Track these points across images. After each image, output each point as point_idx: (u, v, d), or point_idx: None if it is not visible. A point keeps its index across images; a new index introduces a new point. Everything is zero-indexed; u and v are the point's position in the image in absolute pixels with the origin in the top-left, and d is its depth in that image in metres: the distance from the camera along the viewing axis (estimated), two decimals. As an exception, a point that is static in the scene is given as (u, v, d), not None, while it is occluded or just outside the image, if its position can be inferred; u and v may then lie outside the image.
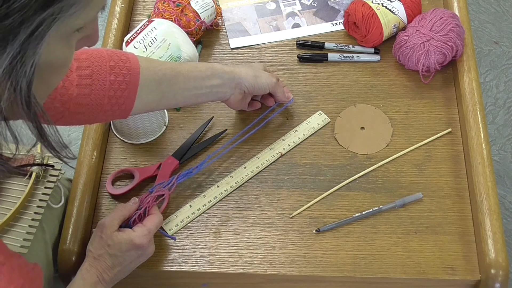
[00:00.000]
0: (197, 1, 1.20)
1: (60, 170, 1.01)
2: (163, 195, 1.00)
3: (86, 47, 0.73)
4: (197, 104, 1.12)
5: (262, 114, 1.13)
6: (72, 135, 1.82)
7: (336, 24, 1.27)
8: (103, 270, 0.91)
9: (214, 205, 1.05)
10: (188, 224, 1.03)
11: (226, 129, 1.13)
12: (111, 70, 0.90)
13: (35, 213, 0.97)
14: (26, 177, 0.98)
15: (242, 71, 1.05)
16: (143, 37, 1.12)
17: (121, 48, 1.16)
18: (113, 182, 1.07)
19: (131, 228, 0.95)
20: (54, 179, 1.00)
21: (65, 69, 0.69)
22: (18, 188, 0.98)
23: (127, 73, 0.91)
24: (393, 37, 1.21)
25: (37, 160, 0.99)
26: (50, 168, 1.01)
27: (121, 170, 1.08)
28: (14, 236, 0.94)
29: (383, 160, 1.09)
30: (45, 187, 0.99)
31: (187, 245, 1.01)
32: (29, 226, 0.95)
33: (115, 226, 0.93)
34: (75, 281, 0.90)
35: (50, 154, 1.02)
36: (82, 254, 0.98)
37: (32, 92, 0.63)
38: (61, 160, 0.73)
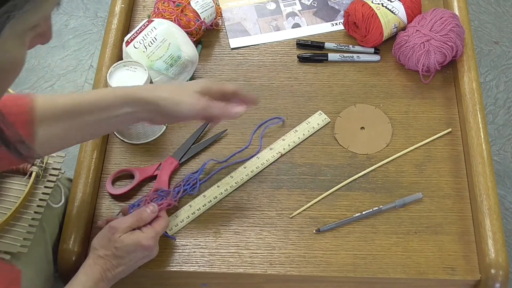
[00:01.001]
0: (197, 1, 1.20)
1: (60, 169, 1.01)
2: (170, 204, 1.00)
3: None
4: (112, 132, 1.02)
5: (262, 114, 1.13)
6: (72, 135, 1.82)
7: (336, 24, 1.27)
8: (107, 269, 0.90)
9: (214, 205, 1.05)
10: (188, 224, 1.03)
11: (226, 129, 1.13)
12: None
13: (35, 212, 0.97)
14: (26, 176, 0.98)
15: (161, 95, 0.91)
16: (143, 37, 1.12)
17: (121, 48, 1.16)
18: (113, 182, 1.07)
19: None
20: (54, 178, 1.00)
21: (18, 70, 0.67)
22: (18, 187, 0.98)
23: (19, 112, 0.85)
24: (393, 37, 1.21)
25: (37, 160, 0.99)
26: (50, 167, 1.01)
27: (121, 170, 1.08)
28: (14, 235, 0.94)
29: (383, 160, 1.09)
30: (45, 187, 0.99)
31: (187, 245, 1.01)
32: (29, 225, 0.95)
33: (126, 231, 0.92)
34: (77, 277, 0.90)
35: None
36: (82, 254, 0.98)
37: None
38: (22, 158, 0.71)
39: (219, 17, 1.26)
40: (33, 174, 0.98)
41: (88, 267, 0.90)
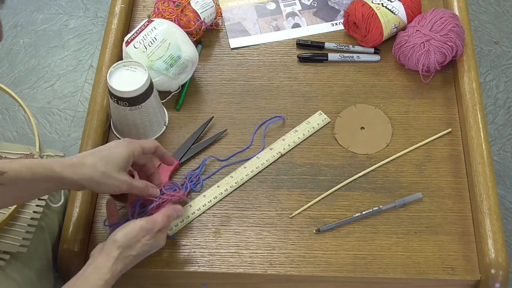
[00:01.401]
0: (197, 1, 1.20)
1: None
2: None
3: None
4: (35, 198, 1.00)
5: (262, 114, 1.13)
6: (72, 135, 1.82)
7: (336, 24, 1.27)
8: (125, 265, 0.89)
9: (214, 205, 1.05)
10: (188, 224, 1.03)
11: (226, 129, 1.13)
12: None
13: (34, 212, 0.97)
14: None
15: (85, 175, 0.89)
16: (143, 37, 1.12)
17: (121, 48, 1.16)
18: (113, 182, 1.07)
19: (147, 213, 0.95)
20: (53, 178, 1.00)
21: None
22: (18, 187, 0.98)
23: None
24: (393, 37, 1.21)
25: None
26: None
27: (121, 170, 1.07)
28: (13, 235, 0.94)
29: (383, 160, 1.09)
30: (45, 187, 0.99)
31: (187, 245, 1.01)
32: (28, 225, 0.95)
33: (155, 235, 0.92)
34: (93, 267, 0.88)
35: (49, 153, 1.02)
36: (82, 254, 0.98)
37: None
38: None
39: (219, 17, 1.26)
40: (33, 174, 0.98)
41: (105, 260, 0.88)
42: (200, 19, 1.20)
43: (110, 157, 0.91)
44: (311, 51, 1.23)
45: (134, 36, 1.13)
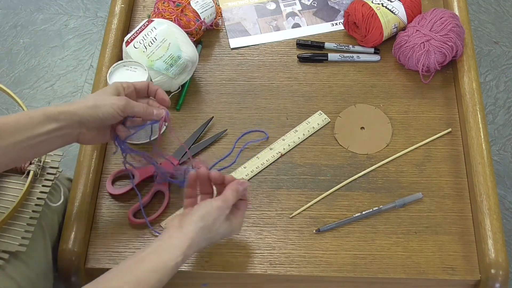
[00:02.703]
0: (197, 1, 1.20)
1: (57, 168, 1.01)
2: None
3: None
4: (40, 155, 0.97)
5: (262, 115, 1.13)
6: (72, 135, 1.82)
7: (336, 24, 1.27)
8: (188, 246, 0.87)
9: (214, 205, 1.05)
10: (188, 224, 1.03)
11: (226, 129, 1.13)
12: None
13: (33, 211, 0.97)
14: (24, 175, 0.98)
15: (79, 105, 0.90)
16: (143, 37, 1.12)
17: (121, 48, 1.16)
18: (113, 182, 1.07)
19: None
20: (51, 177, 1.00)
21: None
22: (16, 186, 0.98)
23: None
24: (393, 37, 1.21)
25: (34, 159, 0.99)
26: (48, 166, 1.01)
27: (121, 170, 1.08)
28: (12, 234, 0.94)
29: (383, 160, 1.09)
30: (43, 186, 0.99)
31: (187, 245, 1.01)
32: (27, 224, 0.95)
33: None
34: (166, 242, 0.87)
35: (48, 153, 1.02)
36: (82, 254, 0.98)
37: None
38: None
39: (219, 17, 1.26)
40: (31, 173, 0.98)
41: (181, 241, 0.87)
42: (200, 19, 1.20)
43: (98, 91, 0.94)
44: (311, 51, 1.23)
45: (134, 36, 1.13)
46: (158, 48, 1.11)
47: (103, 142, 1.08)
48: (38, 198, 0.98)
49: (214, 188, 0.96)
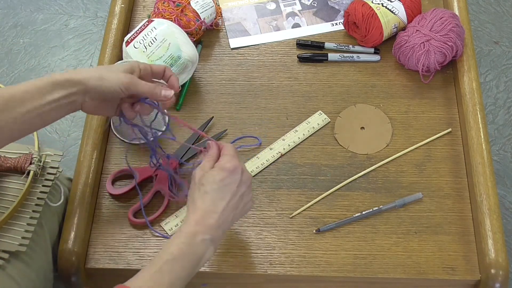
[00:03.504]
0: (197, 1, 1.20)
1: (57, 168, 1.01)
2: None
3: None
4: (48, 124, 0.94)
5: (262, 114, 1.13)
6: (72, 135, 1.82)
7: (336, 24, 1.27)
8: (205, 217, 0.86)
9: (214, 205, 1.05)
10: (188, 224, 1.03)
11: (226, 129, 1.13)
12: None
13: (33, 211, 0.97)
14: (24, 175, 0.98)
15: (86, 74, 0.91)
16: (143, 37, 1.12)
17: (121, 48, 1.16)
18: (113, 182, 1.07)
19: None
20: (52, 177, 1.00)
21: None
22: (16, 186, 0.98)
23: None
24: (393, 37, 1.21)
25: (34, 159, 0.99)
26: (48, 166, 1.01)
27: (121, 170, 1.08)
28: (12, 234, 0.94)
29: (383, 160, 1.09)
30: (43, 185, 0.99)
31: (187, 245, 1.01)
32: (28, 224, 0.95)
33: (206, 169, 0.90)
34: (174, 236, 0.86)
35: (48, 153, 1.02)
36: (82, 254, 0.98)
37: None
38: None
39: (219, 17, 1.26)
40: (31, 173, 0.98)
41: (183, 227, 0.86)
42: (200, 19, 1.20)
43: (113, 64, 0.95)
44: (311, 51, 1.23)
45: (134, 36, 1.13)
46: (158, 48, 1.11)
47: (107, 115, 1.07)
48: (38, 198, 0.98)
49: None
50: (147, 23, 1.14)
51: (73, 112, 0.93)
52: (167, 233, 1.01)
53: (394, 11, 1.19)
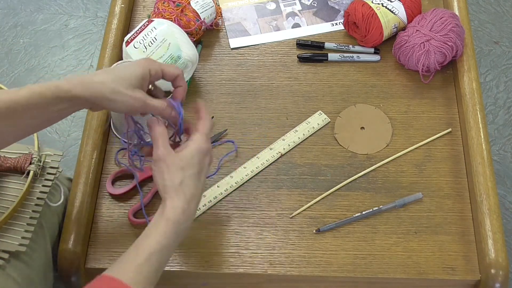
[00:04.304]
0: (197, 1, 1.20)
1: (57, 168, 1.01)
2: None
3: None
4: (52, 124, 0.91)
5: (262, 114, 1.13)
6: (72, 135, 1.82)
7: (336, 24, 1.27)
8: (188, 202, 0.85)
9: (214, 205, 1.05)
10: (188, 224, 1.03)
11: (226, 129, 1.13)
12: None
13: (33, 211, 0.97)
14: (24, 175, 0.98)
15: (94, 90, 0.85)
16: (143, 37, 1.12)
17: (121, 48, 1.16)
18: (113, 182, 1.07)
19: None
20: (51, 177, 1.00)
21: None
22: (16, 186, 0.98)
23: None
24: (393, 37, 1.21)
25: (34, 159, 0.99)
26: (48, 166, 1.01)
27: (121, 170, 1.08)
28: (12, 234, 0.94)
29: (383, 160, 1.09)
30: (43, 185, 0.99)
31: (187, 245, 1.01)
32: (27, 224, 0.95)
33: (170, 149, 0.87)
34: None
35: (48, 153, 1.02)
36: (82, 254, 0.98)
37: None
38: None
39: (219, 17, 1.26)
40: (31, 173, 0.98)
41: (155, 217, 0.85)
42: (200, 19, 1.20)
43: (122, 74, 0.87)
44: (311, 51, 1.23)
45: (134, 36, 1.13)
46: (158, 48, 1.11)
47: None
48: (38, 198, 0.98)
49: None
50: (147, 23, 1.14)
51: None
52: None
53: (394, 11, 1.19)
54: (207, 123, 0.92)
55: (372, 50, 1.22)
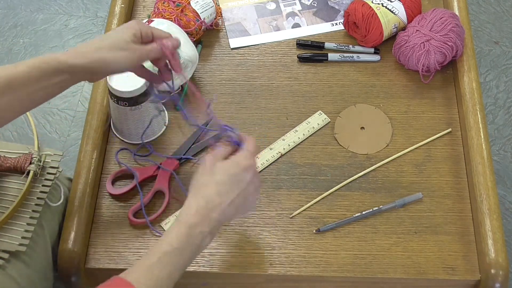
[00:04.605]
0: (197, 1, 1.20)
1: (57, 168, 1.02)
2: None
3: None
4: (52, 98, 0.92)
5: (262, 114, 1.13)
6: (72, 135, 1.82)
7: (336, 24, 1.27)
8: (206, 207, 0.84)
9: (214, 205, 1.05)
10: (188, 224, 1.03)
11: (226, 129, 1.13)
12: None
13: (33, 211, 0.97)
14: (24, 175, 0.98)
15: (93, 58, 0.87)
16: (143, 37, 1.12)
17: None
18: (113, 182, 1.07)
19: None
20: (51, 177, 1.00)
21: None
22: (16, 186, 0.98)
23: None
24: (393, 37, 1.21)
25: (34, 159, 0.99)
26: (48, 166, 1.01)
27: (121, 170, 1.08)
28: (12, 234, 0.94)
29: (383, 160, 1.09)
30: (43, 185, 0.99)
31: (187, 245, 1.01)
32: (27, 224, 0.95)
33: (218, 157, 0.88)
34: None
35: (48, 153, 1.02)
36: (82, 254, 0.98)
37: None
38: None
39: (219, 17, 1.26)
40: (31, 173, 0.98)
41: (181, 216, 0.84)
42: (200, 19, 1.20)
43: (114, 37, 0.90)
44: (311, 51, 1.23)
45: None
46: (158, 48, 1.11)
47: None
48: (38, 198, 0.98)
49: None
50: (147, 23, 1.14)
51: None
52: (167, 233, 1.01)
53: (394, 11, 1.19)
54: (251, 142, 0.91)
55: (372, 50, 1.22)
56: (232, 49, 1.24)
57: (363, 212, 1.03)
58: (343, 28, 1.25)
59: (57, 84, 0.87)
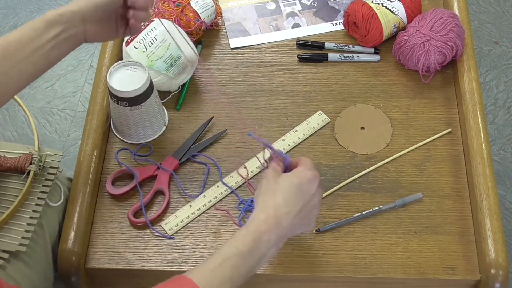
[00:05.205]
0: (197, 1, 1.20)
1: (57, 168, 1.02)
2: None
3: None
4: (54, 64, 0.92)
5: (262, 114, 1.13)
6: (72, 135, 1.82)
7: (336, 24, 1.27)
8: (274, 215, 0.84)
9: (214, 205, 1.05)
10: (188, 224, 1.03)
11: (226, 129, 1.13)
12: None
13: (33, 211, 0.97)
14: (24, 175, 0.98)
15: (78, 2, 0.90)
16: (143, 37, 1.12)
17: (121, 48, 1.16)
18: (113, 182, 1.07)
19: None
20: (52, 177, 1.00)
21: None
22: (16, 186, 0.98)
23: None
24: (393, 37, 1.21)
25: (34, 159, 0.99)
26: (48, 166, 1.01)
27: (121, 170, 1.08)
28: (12, 234, 0.94)
29: (383, 160, 1.09)
30: (43, 185, 0.99)
31: (187, 245, 1.01)
32: (28, 224, 0.95)
33: (279, 170, 0.89)
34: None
35: (48, 153, 1.02)
36: (82, 254, 0.98)
37: None
38: None
39: (219, 17, 1.26)
40: (31, 173, 0.98)
41: (250, 225, 0.83)
42: (200, 19, 1.20)
43: None
44: (311, 51, 1.23)
45: (134, 36, 1.13)
46: (158, 48, 1.11)
47: (113, 39, 1.04)
48: (38, 198, 0.98)
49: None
50: (147, 23, 1.14)
51: (78, 46, 0.93)
52: (167, 233, 1.01)
53: (394, 11, 1.19)
54: (307, 160, 0.91)
55: (372, 50, 1.22)
56: (232, 49, 1.24)
57: (363, 212, 1.03)
58: (343, 28, 1.25)
59: (51, 41, 0.87)
